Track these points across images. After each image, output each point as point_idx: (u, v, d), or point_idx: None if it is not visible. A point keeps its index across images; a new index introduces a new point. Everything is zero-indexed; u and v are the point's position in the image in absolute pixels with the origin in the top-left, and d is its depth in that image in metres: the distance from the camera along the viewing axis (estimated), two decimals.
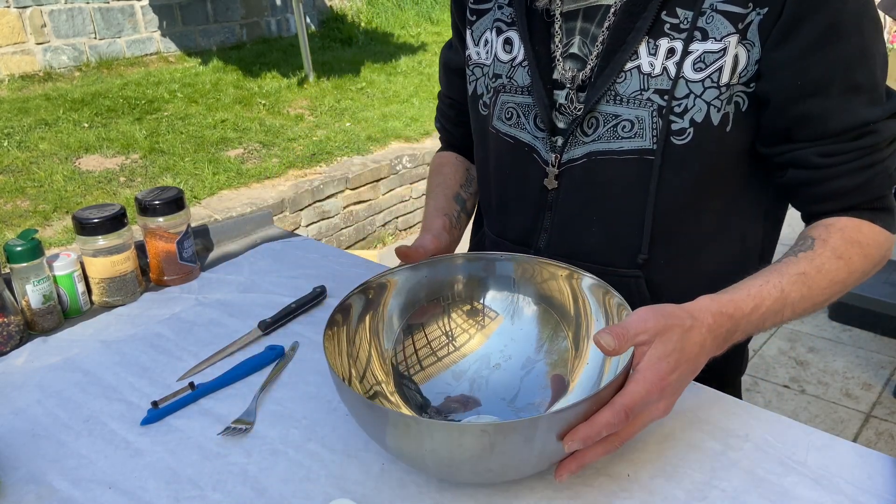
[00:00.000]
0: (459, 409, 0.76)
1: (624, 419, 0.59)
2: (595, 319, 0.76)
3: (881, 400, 2.32)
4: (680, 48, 0.75)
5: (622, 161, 0.80)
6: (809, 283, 0.73)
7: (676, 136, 0.77)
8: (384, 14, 7.21)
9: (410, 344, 0.80)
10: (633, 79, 0.78)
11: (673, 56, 0.76)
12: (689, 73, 0.75)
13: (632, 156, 0.79)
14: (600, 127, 0.80)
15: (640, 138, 0.78)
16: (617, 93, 0.78)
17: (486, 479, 0.65)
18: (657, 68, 0.76)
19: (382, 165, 3.78)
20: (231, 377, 0.84)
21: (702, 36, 0.74)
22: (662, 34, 0.76)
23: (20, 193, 3.22)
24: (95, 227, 0.99)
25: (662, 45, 0.76)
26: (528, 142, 0.87)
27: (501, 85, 0.88)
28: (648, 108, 0.77)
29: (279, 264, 1.14)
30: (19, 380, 0.86)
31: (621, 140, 0.79)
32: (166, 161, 3.60)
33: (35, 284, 0.95)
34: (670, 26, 0.76)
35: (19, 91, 4.38)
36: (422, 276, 0.81)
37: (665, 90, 0.76)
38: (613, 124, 0.79)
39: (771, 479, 0.66)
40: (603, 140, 0.80)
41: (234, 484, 0.68)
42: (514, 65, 0.87)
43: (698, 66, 0.75)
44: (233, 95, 4.60)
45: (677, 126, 0.77)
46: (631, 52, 0.77)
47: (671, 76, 0.76)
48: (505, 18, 0.88)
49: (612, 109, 0.79)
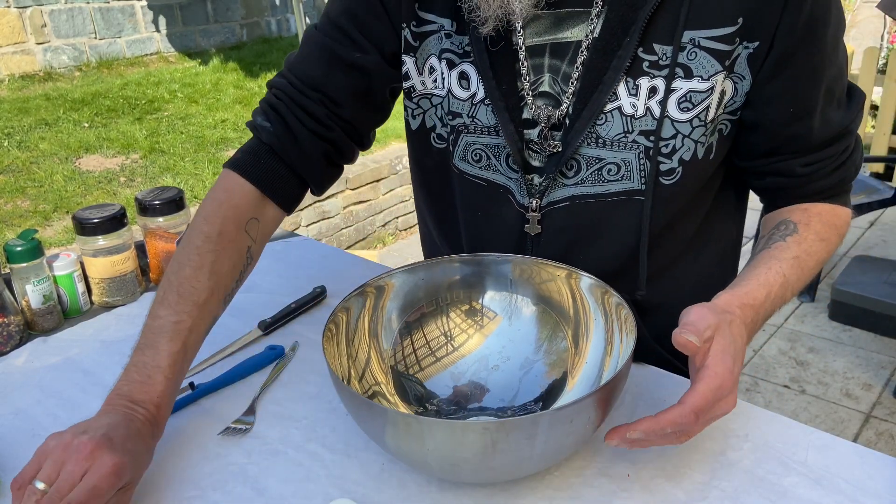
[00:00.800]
0: (468, 399, 0.76)
1: (692, 420, 0.59)
2: (594, 319, 0.76)
3: (881, 400, 2.32)
4: (662, 87, 0.72)
5: (610, 203, 0.77)
6: (801, 266, 0.75)
7: (665, 176, 0.75)
8: None
9: (409, 345, 0.80)
10: (615, 121, 0.74)
11: (655, 95, 0.72)
12: (674, 113, 0.72)
13: (619, 197, 0.77)
14: (583, 170, 0.77)
15: (627, 180, 0.76)
16: (598, 135, 0.75)
17: (487, 478, 0.65)
18: (640, 109, 0.73)
19: (382, 165, 3.78)
20: (231, 377, 0.84)
21: (685, 73, 0.71)
22: (641, 73, 0.72)
23: (20, 193, 3.22)
24: (95, 227, 0.99)
25: (643, 84, 0.72)
26: (503, 183, 0.81)
27: (463, 125, 0.81)
28: (635, 150, 0.74)
29: (279, 264, 1.14)
30: (19, 380, 0.86)
31: (608, 183, 0.77)
32: (166, 161, 3.60)
33: (35, 284, 0.95)
34: (649, 64, 0.72)
35: (19, 91, 4.38)
36: (419, 277, 0.81)
37: (651, 131, 0.73)
38: (598, 168, 0.76)
39: (771, 479, 0.66)
40: (587, 184, 0.77)
41: (234, 484, 0.68)
42: (474, 103, 0.79)
43: (684, 105, 0.72)
44: (233, 95, 4.60)
45: (666, 167, 0.75)
46: (609, 93, 0.73)
47: (655, 116, 0.73)
48: (455, 49, 0.79)
49: (595, 153, 0.75)
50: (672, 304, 0.74)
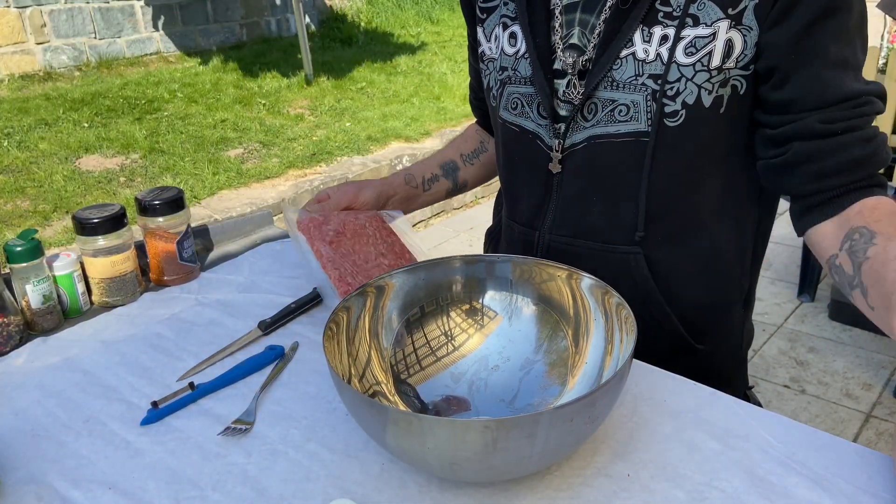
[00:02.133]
0: (452, 411, 0.76)
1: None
2: (595, 319, 0.76)
3: (881, 400, 2.32)
4: (672, 34, 0.79)
5: (620, 144, 0.84)
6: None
7: (669, 118, 0.81)
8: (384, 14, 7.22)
9: (410, 345, 0.80)
10: (628, 65, 0.81)
11: (666, 42, 0.79)
12: (680, 58, 0.79)
13: (628, 138, 0.83)
14: (599, 112, 0.84)
15: (635, 121, 0.82)
16: (613, 79, 0.82)
17: (487, 478, 0.65)
18: (651, 54, 0.80)
19: (382, 165, 3.78)
20: (231, 377, 0.84)
21: (693, 22, 0.78)
22: (656, 22, 0.80)
23: (20, 193, 3.22)
24: (95, 227, 0.99)
25: (656, 33, 0.80)
26: (532, 129, 0.91)
27: (507, 77, 0.93)
28: (643, 92, 0.81)
29: (279, 264, 1.14)
30: (19, 380, 0.86)
31: (618, 124, 0.83)
32: (166, 161, 3.60)
33: (35, 284, 0.95)
34: (663, 14, 0.80)
35: (19, 91, 4.38)
36: (419, 278, 0.81)
37: (658, 75, 0.80)
38: (611, 109, 0.83)
39: (771, 479, 0.66)
40: (601, 124, 0.85)
41: (234, 484, 0.68)
42: (517, 57, 0.91)
43: (689, 50, 0.79)
44: (233, 95, 4.60)
45: (670, 108, 0.81)
46: (626, 40, 0.81)
47: (664, 61, 0.80)
48: (510, 13, 0.93)
49: (609, 95, 0.83)
50: (685, 272, 0.88)
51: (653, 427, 0.73)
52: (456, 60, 5.93)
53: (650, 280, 0.88)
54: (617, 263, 0.89)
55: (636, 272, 0.88)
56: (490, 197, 4.47)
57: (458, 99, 4.89)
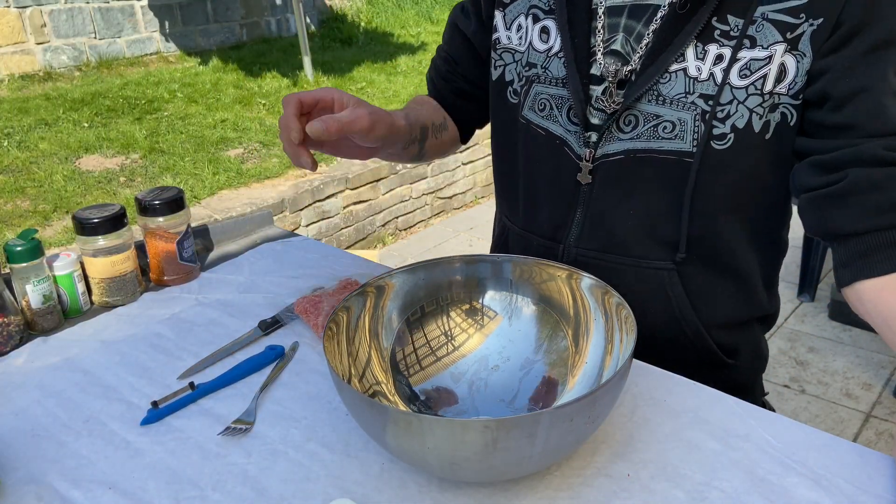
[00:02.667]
0: (441, 400, 0.76)
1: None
2: (595, 318, 0.76)
3: (881, 400, 2.32)
4: (728, 55, 0.75)
5: (661, 160, 0.80)
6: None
7: (717, 140, 0.78)
8: (384, 14, 7.21)
9: (410, 344, 0.80)
10: (677, 81, 0.78)
11: (720, 62, 0.76)
12: (734, 80, 0.76)
13: (671, 156, 0.80)
14: (639, 125, 0.81)
15: (680, 140, 0.79)
16: (660, 93, 0.79)
17: (487, 478, 0.65)
18: (704, 73, 0.77)
19: (382, 165, 3.78)
20: (231, 377, 0.84)
21: (750, 44, 0.75)
22: (712, 40, 0.76)
23: (20, 193, 3.22)
24: (95, 227, 0.99)
25: (711, 51, 0.76)
26: (560, 135, 0.87)
27: (536, 75, 0.88)
28: (692, 111, 0.77)
29: (279, 264, 1.14)
30: (19, 380, 0.86)
31: (661, 140, 0.80)
32: (166, 161, 3.60)
33: (35, 284, 0.95)
34: (720, 33, 0.76)
35: (19, 91, 4.38)
36: (419, 278, 0.81)
37: (710, 95, 0.76)
38: (654, 124, 0.80)
39: (771, 479, 0.66)
40: (643, 139, 0.81)
41: (234, 484, 0.68)
42: (549, 55, 0.86)
43: (744, 72, 0.75)
44: (233, 95, 4.60)
45: (718, 131, 0.77)
46: (677, 54, 0.77)
47: (717, 82, 0.76)
48: (542, 6, 0.87)
49: (654, 109, 0.79)
50: (719, 291, 0.85)
51: (653, 427, 0.73)
52: None
53: (685, 297, 0.86)
54: (650, 280, 0.86)
55: (671, 289, 0.86)
56: (490, 197, 4.47)
57: None
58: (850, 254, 0.72)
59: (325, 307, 0.93)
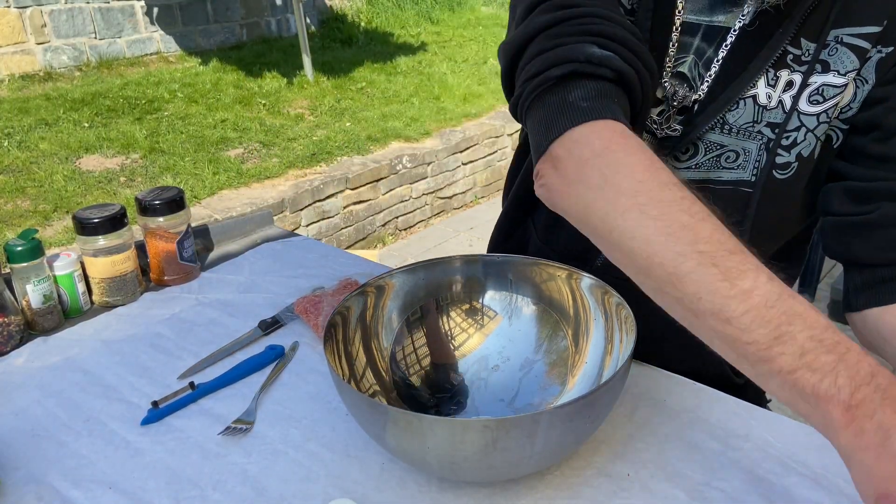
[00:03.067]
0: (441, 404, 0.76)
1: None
2: (595, 318, 0.76)
3: None
4: (799, 81, 0.71)
5: (718, 191, 0.75)
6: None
7: (780, 169, 0.73)
8: (384, 14, 7.21)
9: (410, 344, 0.80)
10: (746, 109, 0.72)
11: (790, 89, 0.71)
12: (804, 107, 0.71)
13: (726, 186, 0.75)
14: (699, 154, 0.75)
15: (741, 170, 0.74)
16: (726, 121, 0.73)
17: (487, 477, 0.65)
18: (773, 101, 0.72)
19: (382, 165, 3.78)
20: (231, 377, 0.84)
21: (822, 68, 0.70)
22: (784, 65, 0.71)
23: (20, 193, 3.22)
24: (95, 227, 0.99)
25: (782, 77, 0.71)
26: None
27: None
28: (757, 140, 0.73)
29: (279, 264, 1.14)
30: (19, 380, 0.86)
31: (721, 170, 0.75)
32: (166, 161, 3.60)
33: (35, 284, 0.95)
34: (793, 57, 0.71)
35: (19, 91, 4.37)
36: (419, 278, 0.81)
37: (777, 123, 0.72)
38: (717, 154, 0.74)
39: (771, 479, 0.66)
40: (702, 169, 0.75)
41: (234, 484, 0.68)
42: None
43: (815, 98, 0.71)
44: (233, 95, 4.60)
45: (782, 160, 0.73)
46: (752, 82, 0.71)
47: (785, 109, 0.72)
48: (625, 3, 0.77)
49: (718, 138, 0.74)
50: None
51: (653, 427, 0.73)
52: (456, 60, 5.93)
53: None
54: None
55: None
56: (490, 197, 4.48)
57: (458, 99, 4.89)
58: (867, 280, 0.71)
59: (325, 307, 0.93)
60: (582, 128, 0.62)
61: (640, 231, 0.56)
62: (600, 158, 0.60)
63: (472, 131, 4.31)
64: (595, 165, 0.60)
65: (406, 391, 0.77)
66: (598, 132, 0.62)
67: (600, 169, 0.59)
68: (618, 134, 0.61)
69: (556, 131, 0.63)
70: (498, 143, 4.49)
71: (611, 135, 0.61)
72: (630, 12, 0.74)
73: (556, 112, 0.64)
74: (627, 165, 0.59)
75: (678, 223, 0.55)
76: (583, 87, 0.65)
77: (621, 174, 0.58)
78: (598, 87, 0.65)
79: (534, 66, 0.67)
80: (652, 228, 0.55)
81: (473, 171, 4.36)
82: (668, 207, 0.56)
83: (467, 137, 4.25)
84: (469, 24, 7.17)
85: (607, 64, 0.65)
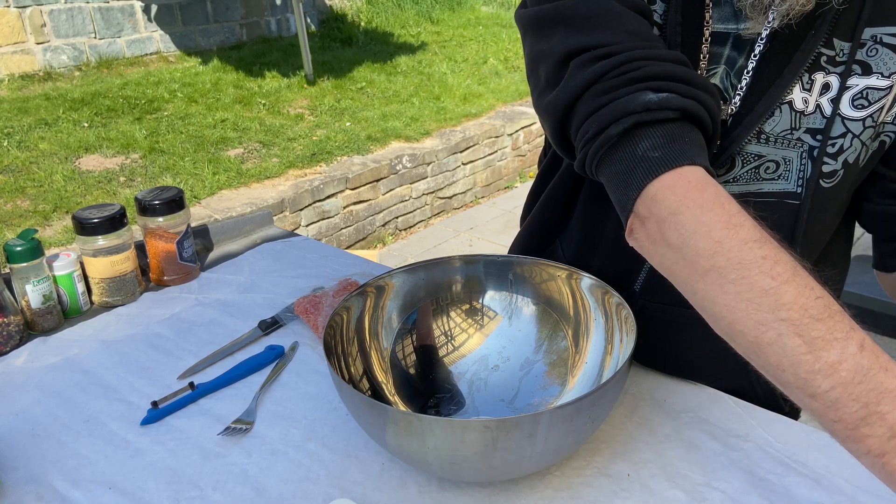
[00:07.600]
0: (441, 404, 0.76)
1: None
2: (595, 318, 0.76)
3: None
4: (836, 83, 0.68)
5: (760, 204, 0.72)
6: None
7: (826, 178, 0.71)
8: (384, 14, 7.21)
9: (410, 345, 0.80)
10: (783, 116, 0.69)
11: (827, 92, 0.68)
12: (847, 111, 0.68)
13: (772, 198, 0.72)
14: (737, 167, 0.72)
15: (784, 180, 0.71)
16: (763, 131, 0.70)
17: (487, 477, 0.65)
18: (811, 105, 0.69)
19: (382, 165, 3.78)
20: (231, 377, 0.84)
21: (862, 70, 0.67)
22: (819, 67, 0.68)
23: (20, 193, 3.22)
24: (95, 227, 0.99)
25: (818, 80, 0.68)
26: None
27: None
28: (798, 148, 0.70)
29: (279, 264, 1.14)
30: (19, 380, 0.86)
31: (762, 182, 0.72)
32: (166, 161, 3.60)
33: (35, 284, 0.95)
34: (826, 59, 0.68)
35: (19, 91, 4.37)
36: (419, 278, 0.81)
37: (818, 129, 0.69)
38: (755, 165, 0.72)
39: (771, 479, 0.66)
40: (741, 181, 0.72)
41: (234, 484, 0.68)
42: None
43: (859, 102, 0.68)
44: (233, 95, 4.60)
45: (829, 168, 0.70)
46: (788, 88, 0.68)
47: (825, 114, 0.69)
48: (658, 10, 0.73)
49: (756, 149, 0.71)
50: None
51: (653, 427, 0.73)
52: (456, 60, 5.93)
53: None
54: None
55: None
56: (489, 197, 4.48)
57: (458, 99, 4.89)
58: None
59: (324, 307, 0.93)
60: (658, 182, 0.59)
61: (720, 297, 0.54)
62: (676, 217, 0.58)
63: (472, 131, 4.31)
64: (672, 225, 0.58)
65: (406, 391, 0.77)
66: (672, 187, 0.59)
67: (677, 229, 0.57)
68: (693, 186, 0.59)
69: (634, 188, 0.61)
70: (498, 143, 4.49)
71: (686, 189, 0.58)
72: (660, 27, 0.72)
73: (628, 167, 0.62)
74: (705, 224, 0.56)
75: (758, 288, 0.53)
76: (649, 136, 0.62)
77: (699, 234, 0.56)
78: (664, 132, 0.62)
79: (591, 127, 0.64)
80: (732, 294, 0.54)
81: (473, 171, 4.36)
82: (748, 270, 0.53)
83: (467, 137, 4.25)
84: (469, 24, 7.17)
85: (667, 106, 0.62)
